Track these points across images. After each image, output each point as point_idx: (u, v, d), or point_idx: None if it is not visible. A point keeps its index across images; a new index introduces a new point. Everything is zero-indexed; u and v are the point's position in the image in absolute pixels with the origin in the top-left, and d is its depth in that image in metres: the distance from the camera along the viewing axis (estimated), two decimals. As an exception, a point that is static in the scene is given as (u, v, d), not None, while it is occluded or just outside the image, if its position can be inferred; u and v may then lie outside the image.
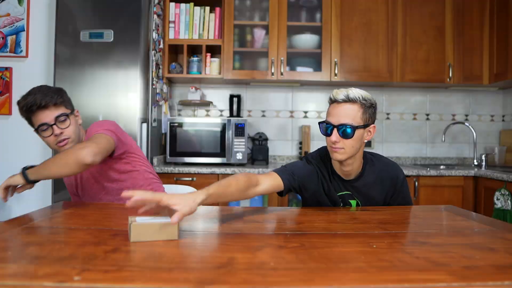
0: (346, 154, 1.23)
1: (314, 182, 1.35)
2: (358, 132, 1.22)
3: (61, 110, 1.37)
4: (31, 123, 1.38)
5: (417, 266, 0.73)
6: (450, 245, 0.88)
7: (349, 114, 1.21)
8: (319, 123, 1.29)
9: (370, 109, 1.25)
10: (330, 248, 0.85)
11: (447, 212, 1.33)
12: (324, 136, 1.28)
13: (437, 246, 0.89)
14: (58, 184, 2.35)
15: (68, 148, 1.34)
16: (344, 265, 0.73)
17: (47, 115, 1.34)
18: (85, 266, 0.69)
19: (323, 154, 1.39)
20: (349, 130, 1.20)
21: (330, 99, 1.28)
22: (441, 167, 2.88)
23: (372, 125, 1.27)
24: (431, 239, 0.96)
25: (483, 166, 2.84)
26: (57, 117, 1.34)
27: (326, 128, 1.25)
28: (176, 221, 0.86)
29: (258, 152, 2.84)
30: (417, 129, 3.13)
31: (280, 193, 1.32)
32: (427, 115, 3.14)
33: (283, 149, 3.09)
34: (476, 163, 2.98)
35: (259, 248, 0.84)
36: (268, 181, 1.26)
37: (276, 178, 1.29)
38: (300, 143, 3.01)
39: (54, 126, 1.34)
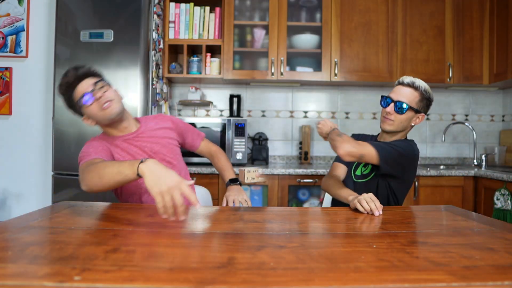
0: (393, 126, 1.46)
1: None
2: (409, 112, 1.43)
3: (98, 78, 1.39)
4: (73, 102, 1.36)
5: (417, 266, 0.73)
6: (450, 245, 0.88)
7: (408, 96, 1.43)
8: (382, 96, 1.51)
9: (426, 100, 1.46)
10: (330, 248, 0.86)
11: (447, 212, 1.33)
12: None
13: (437, 246, 0.89)
14: (58, 184, 2.35)
15: (114, 111, 1.36)
16: (344, 265, 0.73)
17: (85, 86, 1.34)
18: (85, 266, 0.69)
19: (369, 136, 1.67)
20: (404, 106, 1.42)
21: (398, 81, 1.49)
22: (441, 167, 2.88)
23: (422, 113, 1.48)
24: (431, 239, 0.96)
25: (483, 166, 2.84)
26: (95, 83, 1.35)
27: (386, 100, 1.47)
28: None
29: (258, 152, 2.84)
30: (417, 129, 3.13)
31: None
32: (427, 115, 3.14)
33: (283, 149, 3.09)
34: (476, 163, 2.98)
35: (259, 248, 0.84)
36: (343, 173, 1.61)
37: (340, 166, 1.64)
38: (300, 143, 3.01)
39: (95, 91, 1.34)
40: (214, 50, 2.86)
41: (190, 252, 0.80)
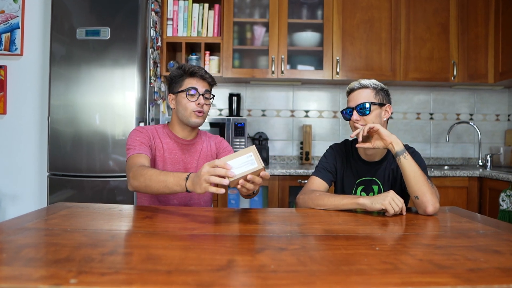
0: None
1: (339, 165, 1.56)
2: (374, 109, 1.42)
3: (211, 91, 1.57)
4: (177, 84, 1.52)
5: (421, 269, 0.73)
6: (454, 247, 0.88)
7: (364, 96, 1.43)
8: (341, 111, 1.50)
9: (382, 92, 1.46)
10: (331, 250, 0.85)
11: (451, 213, 1.33)
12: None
13: (441, 248, 0.89)
14: (54, 185, 2.35)
15: (198, 122, 1.51)
16: (346, 268, 0.73)
17: (202, 85, 1.51)
18: (81, 268, 0.69)
19: (348, 143, 1.61)
20: (366, 107, 1.41)
21: (347, 91, 1.50)
22: (445, 167, 2.88)
23: (388, 104, 1.47)
24: (435, 241, 0.96)
25: (488, 166, 2.84)
26: (207, 91, 1.52)
27: (346, 112, 1.46)
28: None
29: (258, 153, 2.83)
30: (420, 128, 3.13)
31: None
32: (431, 114, 3.14)
33: (284, 149, 3.09)
34: (481, 163, 2.98)
35: (259, 250, 0.84)
36: (323, 188, 1.50)
37: (320, 182, 1.52)
38: (301, 143, 3.01)
39: (201, 96, 1.49)
40: (213, 48, 2.86)
41: (188, 255, 0.80)
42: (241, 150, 1.08)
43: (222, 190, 1.03)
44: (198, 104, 1.49)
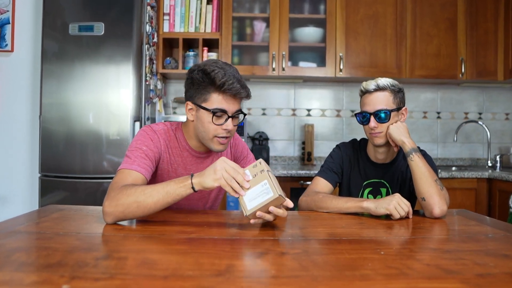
0: (385, 138, 1.41)
1: (346, 166, 1.55)
2: (392, 115, 1.41)
3: (240, 105, 1.26)
4: (199, 93, 1.22)
5: (428, 274, 0.73)
6: (462, 252, 0.88)
7: (382, 100, 1.40)
8: (355, 114, 1.47)
9: (399, 94, 1.45)
10: (335, 255, 0.86)
11: (460, 216, 1.33)
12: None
13: (448, 252, 0.89)
14: (46, 187, 2.34)
15: (220, 149, 1.27)
16: (350, 273, 0.73)
17: (233, 104, 1.21)
18: (74, 273, 0.69)
19: (356, 142, 1.60)
20: (384, 114, 1.39)
21: (361, 91, 1.46)
22: (453, 168, 2.88)
23: (404, 107, 1.46)
24: (442, 245, 0.96)
25: (498, 167, 2.84)
26: (238, 111, 1.24)
27: (363, 117, 1.43)
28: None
29: (258, 153, 2.84)
30: (427, 128, 3.13)
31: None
32: (438, 113, 3.14)
33: (285, 150, 3.09)
34: (490, 164, 2.98)
35: (259, 255, 0.84)
36: (327, 190, 1.49)
37: (325, 183, 1.51)
38: (303, 143, 3.01)
39: (230, 120, 1.22)
40: (211, 44, 2.86)
41: (186, 259, 0.80)
42: (254, 174, 1.03)
43: (237, 195, 1.01)
44: (225, 129, 1.22)
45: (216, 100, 1.20)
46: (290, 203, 1.06)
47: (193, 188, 1.04)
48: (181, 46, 2.75)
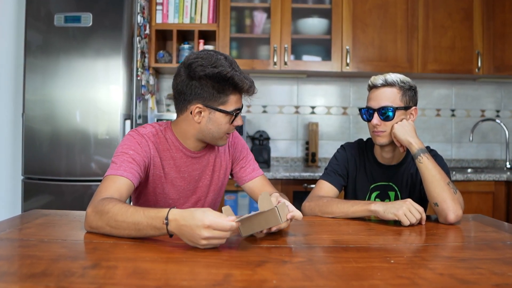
0: (388, 137, 1.41)
1: (351, 168, 1.55)
2: (398, 114, 1.39)
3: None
4: (214, 96, 1.23)
5: (441, 284, 0.73)
6: (478, 260, 0.88)
7: (389, 97, 1.40)
8: (360, 109, 1.47)
9: (409, 92, 1.43)
10: (341, 264, 0.86)
11: (476, 222, 1.33)
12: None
13: (464, 261, 0.89)
14: (29, 190, 2.35)
15: (223, 144, 1.36)
16: (357, 283, 0.73)
17: (241, 100, 1.32)
18: (60, 283, 0.69)
19: (362, 143, 1.60)
20: (389, 112, 1.38)
21: (369, 85, 1.47)
22: (469, 170, 2.88)
23: (414, 107, 1.45)
24: (457, 253, 0.96)
25: (517, 169, 2.84)
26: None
27: (367, 112, 1.43)
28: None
29: (259, 153, 2.84)
30: (441, 126, 3.14)
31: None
32: (453, 110, 3.14)
33: (287, 150, 3.09)
34: (508, 166, 2.98)
35: (259, 264, 0.84)
36: (332, 194, 1.49)
37: (329, 187, 1.51)
38: (307, 142, 3.02)
39: (240, 115, 1.32)
40: (208, 36, 2.86)
41: (180, 268, 0.80)
42: (264, 204, 0.99)
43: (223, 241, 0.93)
44: (236, 125, 1.31)
45: (233, 101, 1.26)
46: (299, 216, 1.07)
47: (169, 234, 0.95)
48: (175, 39, 2.75)
